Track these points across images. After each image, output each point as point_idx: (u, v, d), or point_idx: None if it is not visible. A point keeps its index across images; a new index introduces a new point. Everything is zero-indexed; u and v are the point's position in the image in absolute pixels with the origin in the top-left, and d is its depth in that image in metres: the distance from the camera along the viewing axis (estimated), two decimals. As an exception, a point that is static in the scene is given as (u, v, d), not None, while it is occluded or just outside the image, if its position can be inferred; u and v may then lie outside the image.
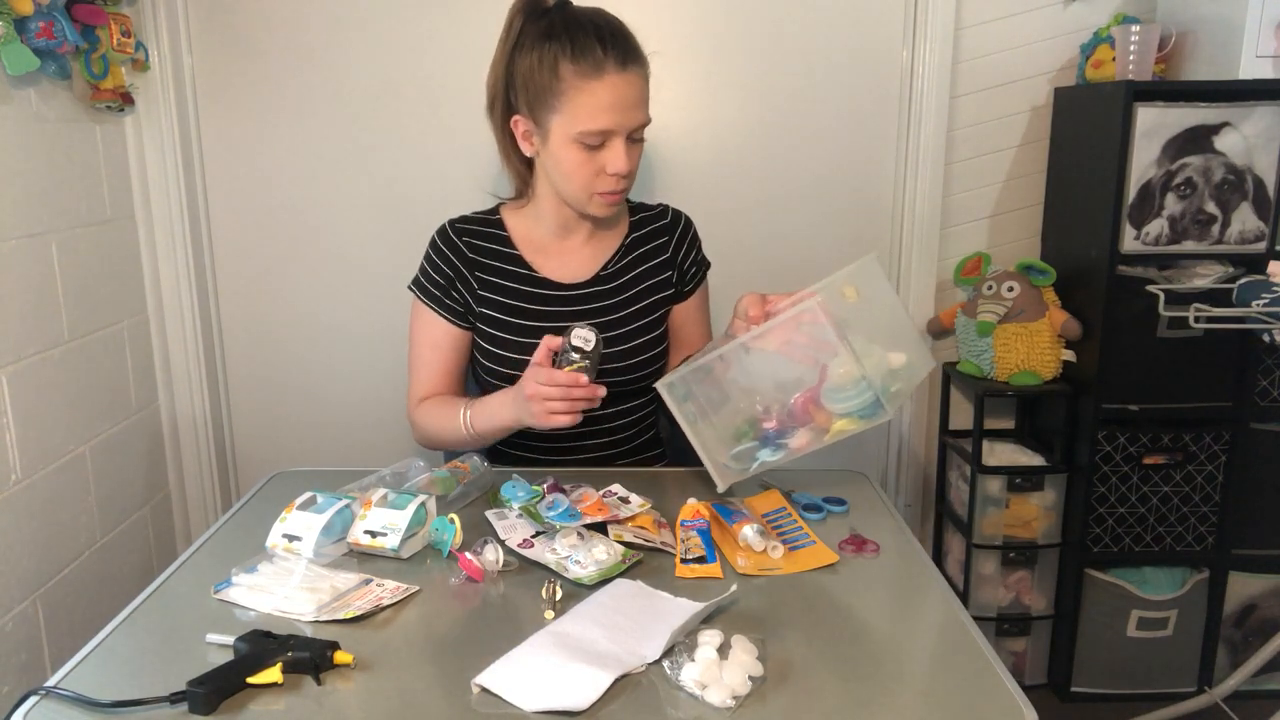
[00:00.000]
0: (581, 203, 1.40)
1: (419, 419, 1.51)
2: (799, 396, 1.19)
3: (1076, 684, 2.14)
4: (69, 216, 1.85)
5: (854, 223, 2.25)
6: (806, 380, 1.18)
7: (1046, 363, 2.08)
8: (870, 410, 1.14)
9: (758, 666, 0.89)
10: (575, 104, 1.31)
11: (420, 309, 1.51)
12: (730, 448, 1.25)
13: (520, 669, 0.90)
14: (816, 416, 1.19)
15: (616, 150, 1.33)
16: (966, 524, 2.15)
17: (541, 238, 1.50)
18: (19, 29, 1.60)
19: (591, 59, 1.29)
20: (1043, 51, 2.15)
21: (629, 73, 1.32)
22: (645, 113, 1.36)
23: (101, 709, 0.86)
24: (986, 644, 0.97)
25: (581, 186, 1.37)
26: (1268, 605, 2.13)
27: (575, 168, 1.35)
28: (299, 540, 1.13)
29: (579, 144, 1.33)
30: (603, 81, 1.30)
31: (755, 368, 1.22)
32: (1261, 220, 1.91)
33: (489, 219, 1.52)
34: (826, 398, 1.16)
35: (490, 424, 1.39)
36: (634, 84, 1.33)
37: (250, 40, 2.12)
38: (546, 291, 1.48)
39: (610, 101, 1.30)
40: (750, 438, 1.24)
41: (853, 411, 1.15)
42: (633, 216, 1.55)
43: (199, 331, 2.20)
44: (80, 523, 1.88)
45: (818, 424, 1.19)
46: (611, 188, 1.37)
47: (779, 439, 1.22)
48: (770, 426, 1.22)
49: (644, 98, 1.36)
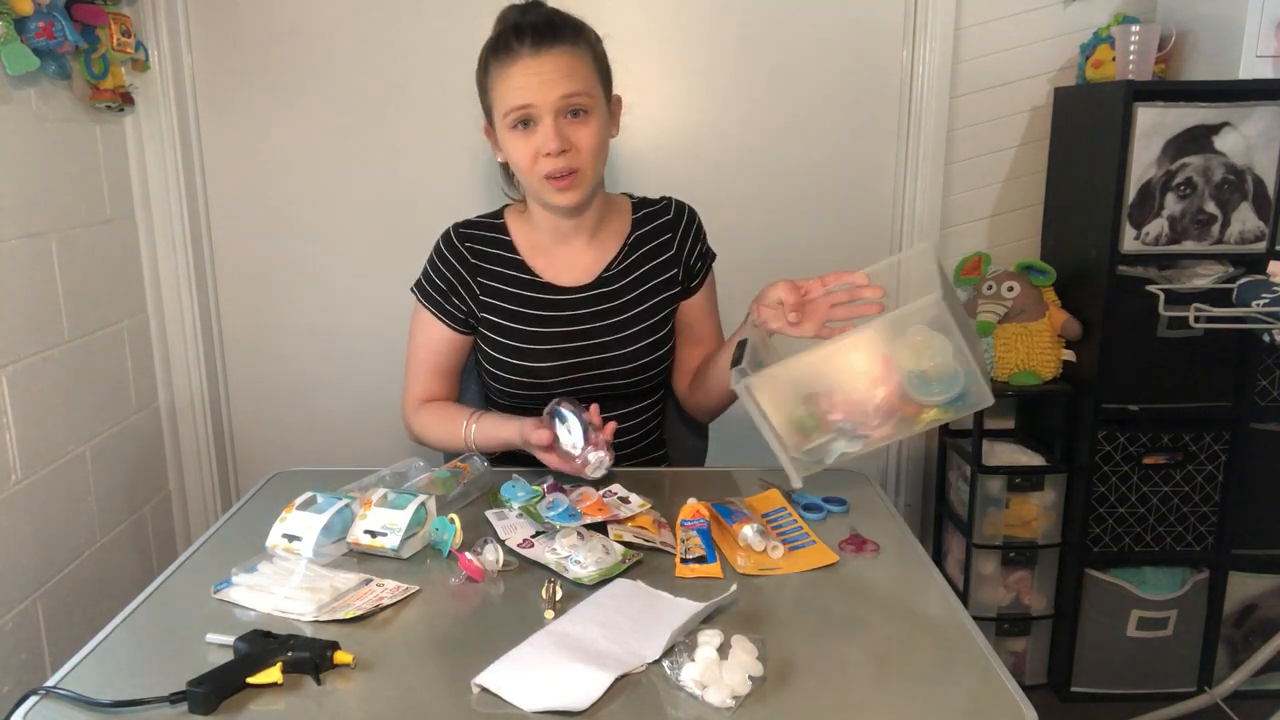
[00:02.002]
0: (538, 193, 1.41)
1: (417, 423, 1.53)
2: (883, 392, 1.16)
3: (1076, 684, 2.14)
4: (69, 216, 1.85)
5: (854, 222, 2.25)
6: (878, 374, 1.16)
7: (1046, 363, 2.08)
8: (959, 401, 1.13)
9: (758, 666, 0.89)
10: (498, 91, 1.37)
11: (420, 312, 1.52)
12: (800, 442, 1.21)
13: (520, 669, 0.90)
14: (903, 408, 1.17)
15: (545, 127, 1.34)
16: (966, 524, 2.15)
17: (542, 242, 1.50)
18: (19, 29, 1.60)
19: (506, 48, 1.35)
20: (1043, 51, 2.15)
21: (545, 53, 1.33)
22: (573, 84, 1.34)
23: (101, 709, 0.86)
24: (986, 644, 0.97)
25: (528, 174, 1.38)
26: (1268, 605, 2.13)
27: (518, 155, 1.38)
28: (299, 540, 1.13)
29: (513, 130, 1.36)
30: (516, 64, 1.34)
31: (832, 364, 1.20)
32: (1261, 220, 1.91)
33: (493, 223, 1.52)
34: (915, 389, 1.14)
35: (493, 445, 1.43)
36: (551, 60, 1.33)
37: (250, 40, 2.13)
38: (549, 296, 1.48)
39: (522, 79, 1.33)
40: (818, 431, 1.20)
41: (944, 403, 1.14)
42: (635, 214, 1.53)
43: (199, 331, 2.21)
44: (80, 523, 1.88)
45: (905, 415, 1.17)
46: (551, 168, 1.35)
47: (855, 430, 1.19)
48: (837, 419, 1.19)
49: (569, 72, 1.34)
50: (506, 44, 1.35)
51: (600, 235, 1.50)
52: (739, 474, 1.43)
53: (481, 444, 1.43)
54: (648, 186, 2.20)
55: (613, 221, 1.52)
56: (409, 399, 1.55)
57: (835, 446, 1.19)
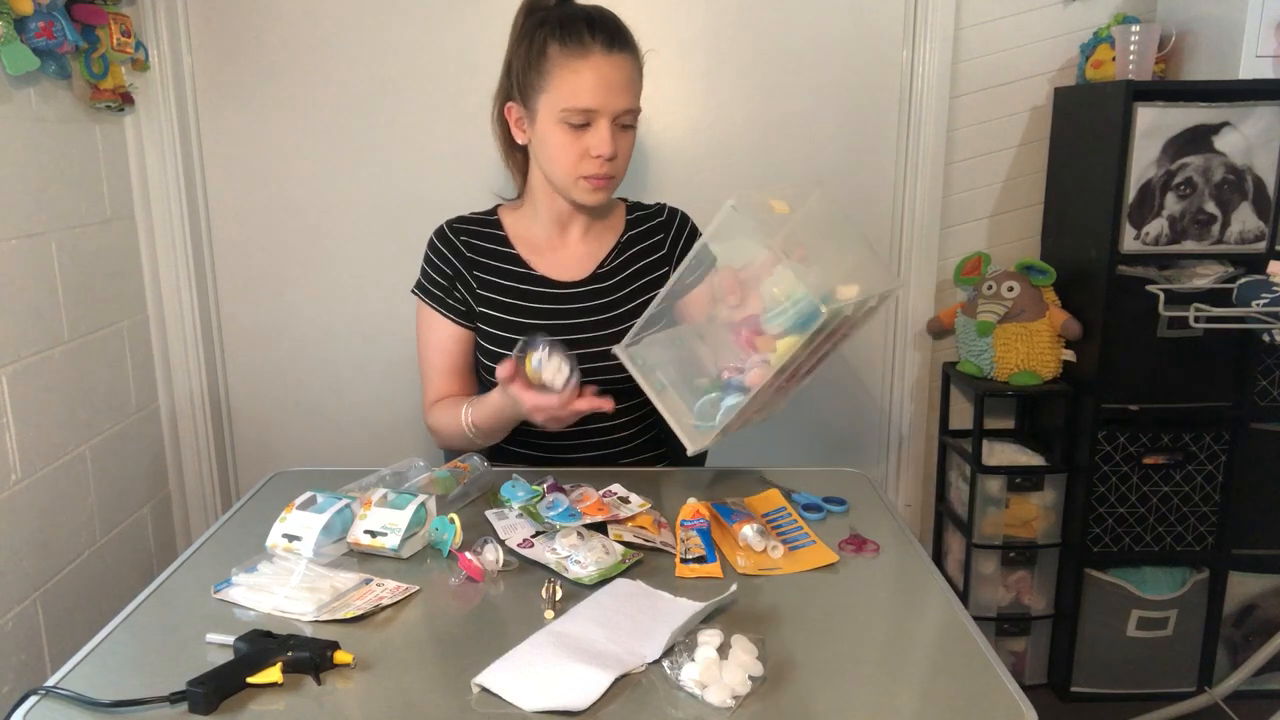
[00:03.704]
0: (568, 187, 1.40)
1: (431, 421, 1.51)
2: (740, 330, 1.14)
3: (1076, 684, 2.14)
4: (69, 216, 1.85)
5: (854, 222, 2.24)
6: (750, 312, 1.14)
7: (1046, 363, 2.08)
8: (808, 319, 1.07)
9: (758, 666, 0.89)
10: (560, 81, 1.34)
11: (426, 312, 1.51)
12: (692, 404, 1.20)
13: (520, 669, 0.90)
14: (761, 345, 1.14)
15: (601, 131, 1.34)
16: (966, 524, 2.15)
17: (538, 236, 1.51)
18: (19, 29, 1.60)
19: (577, 39, 1.33)
20: (1043, 51, 2.15)
21: (615, 55, 1.33)
22: (633, 99, 1.36)
23: (101, 709, 0.86)
24: (986, 644, 0.97)
25: (567, 169, 1.38)
26: (1268, 605, 2.13)
27: (560, 149, 1.37)
28: (299, 540, 1.13)
29: (564, 124, 1.35)
30: (587, 61, 1.32)
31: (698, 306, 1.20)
32: (1261, 220, 1.91)
33: (486, 219, 1.53)
34: (765, 322, 1.12)
35: (492, 421, 1.39)
36: (620, 67, 1.34)
37: (250, 40, 2.12)
38: (544, 290, 1.48)
39: (594, 81, 1.32)
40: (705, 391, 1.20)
41: (790, 327, 1.09)
42: (629, 215, 1.55)
43: (199, 331, 2.21)
44: (80, 523, 1.88)
45: (764, 353, 1.14)
46: (596, 171, 1.37)
47: (737, 382, 1.17)
48: (729, 374, 1.18)
49: (631, 83, 1.36)
50: (578, 34, 1.32)
51: (595, 231, 1.52)
52: (739, 474, 1.43)
53: (480, 422, 1.40)
54: (647, 186, 2.21)
55: (608, 220, 1.54)
56: (427, 403, 1.53)
57: (724, 403, 1.17)
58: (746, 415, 1.19)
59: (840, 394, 2.35)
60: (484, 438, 1.44)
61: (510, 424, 1.40)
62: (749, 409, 1.17)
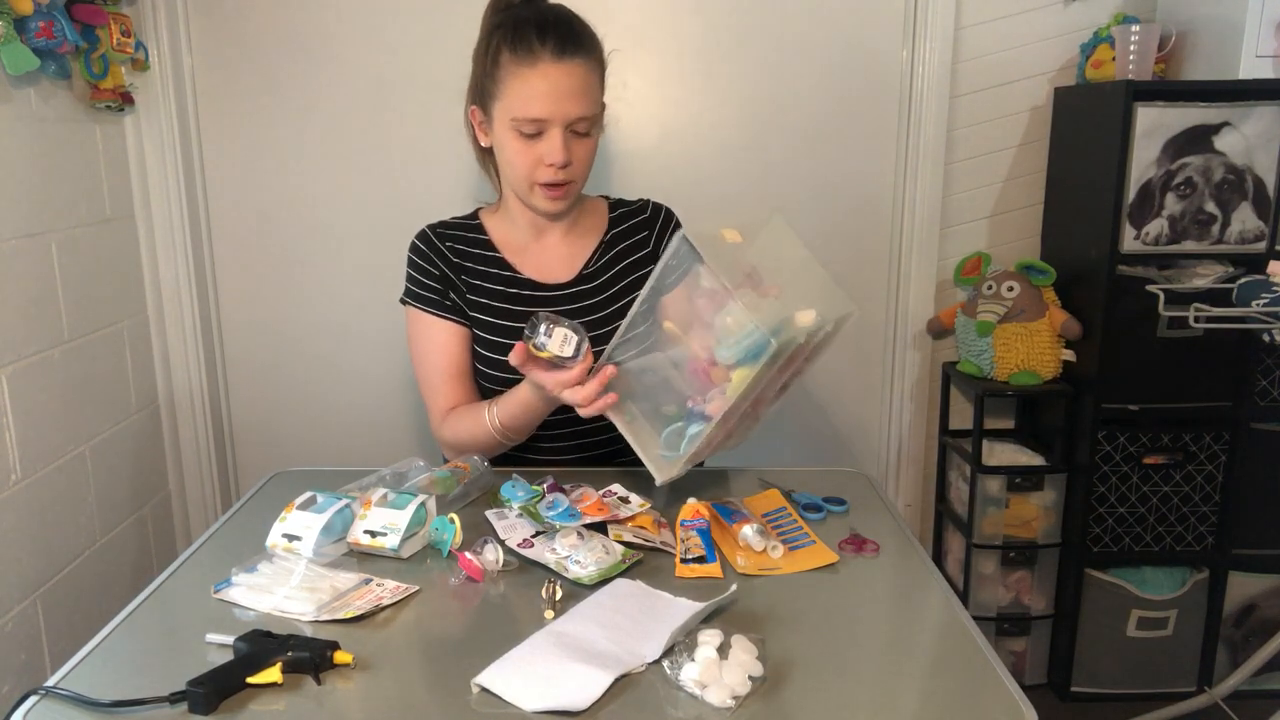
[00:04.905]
0: (525, 194, 1.40)
1: (446, 433, 1.46)
2: (694, 362, 1.14)
3: (1076, 684, 2.14)
4: (69, 216, 1.85)
5: (854, 222, 2.25)
6: (701, 347, 1.14)
7: (1046, 363, 2.08)
8: (758, 350, 1.07)
9: (758, 666, 0.89)
10: (510, 90, 1.33)
11: (419, 318, 1.48)
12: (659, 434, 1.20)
13: (520, 669, 0.90)
14: (716, 377, 1.14)
15: (553, 140, 1.33)
16: (966, 524, 2.15)
17: (519, 239, 1.50)
18: (19, 29, 1.60)
19: (526, 46, 1.31)
20: (1043, 51, 2.15)
21: (565, 63, 1.31)
22: (587, 105, 1.34)
23: (101, 709, 0.86)
24: (986, 644, 0.97)
25: (522, 176, 1.37)
26: (1268, 605, 2.13)
27: (514, 156, 1.36)
28: (299, 540, 1.13)
29: (516, 131, 1.34)
30: (535, 69, 1.31)
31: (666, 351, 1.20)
32: (1261, 220, 1.92)
33: (468, 223, 1.51)
34: (717, 354, 1.12)
35: (521, 415, 1.35)
36: (571, 74, 1.32)
37: (250, 40, 2.12)
38: (532, 293, 1.47)
39: (544, 89, 1.31)
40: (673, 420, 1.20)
41: (742, 358, 1.09)
42: (612, 213, 1.54)
43: (199, 331, 2.21)
44: (80, 523, 1.88)
45: (720, 384, 1.14)
46: (549, 178, 1.36)
47: (699, 410, 1.17)
48: (693, 404, 1.18)
49: (585, 90, 1.34)
50: (527, 42, 1.31)
51: (576, 231, 1.51)
52: (739, 474, 1.43)
53: (506, 419, 1.36)
54: (645, 186, 2.20)
55: (588, 219, 1.53)
56: (434, 414, 1.48)
57: (688, 432, 1.18)
58: (714, 442, 1.19)
59: (840, 394, 2.35)
60: (513, 436, 1.40)
61: (539, 415, 1.36)
62: (715, 436, 1.17)
